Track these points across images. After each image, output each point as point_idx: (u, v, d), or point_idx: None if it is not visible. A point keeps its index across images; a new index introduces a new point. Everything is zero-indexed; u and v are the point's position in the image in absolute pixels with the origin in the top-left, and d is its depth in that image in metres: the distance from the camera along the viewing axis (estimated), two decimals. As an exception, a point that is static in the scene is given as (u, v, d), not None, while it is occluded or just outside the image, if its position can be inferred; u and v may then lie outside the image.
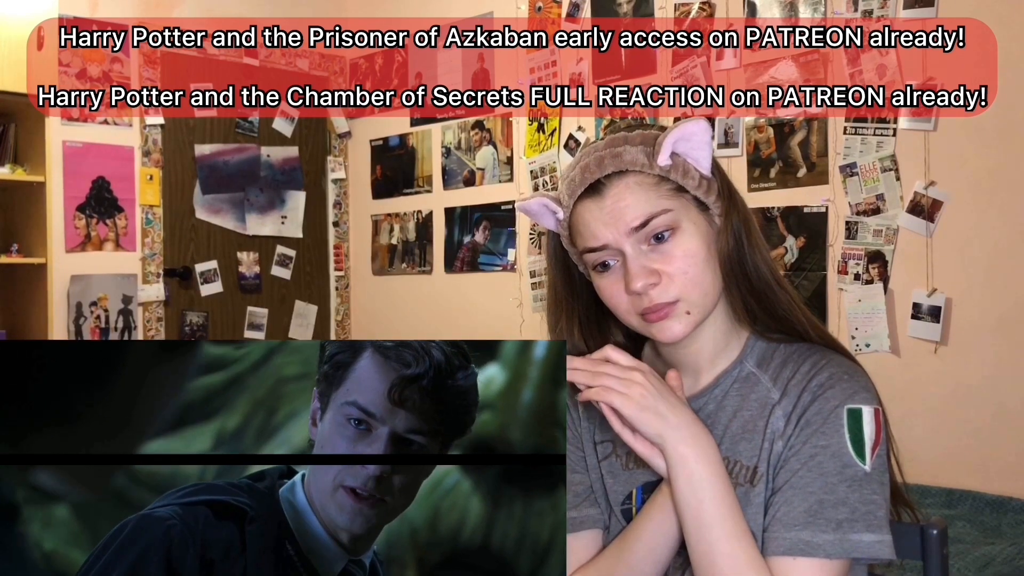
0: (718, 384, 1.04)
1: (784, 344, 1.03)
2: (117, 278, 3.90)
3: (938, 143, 2.86)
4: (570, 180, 1.02)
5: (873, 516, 0.92)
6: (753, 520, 0.96)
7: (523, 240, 4.01)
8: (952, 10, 2.81)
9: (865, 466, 0.93)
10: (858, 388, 0.97)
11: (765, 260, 1.02)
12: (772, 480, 0.97)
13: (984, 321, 2.78)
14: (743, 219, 1.02)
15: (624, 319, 1.02)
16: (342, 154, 4.77)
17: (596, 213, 0.99)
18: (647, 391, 0.94)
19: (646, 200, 0.98)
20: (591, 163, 1.00)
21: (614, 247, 0.98)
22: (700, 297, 0.99)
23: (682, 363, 1.06)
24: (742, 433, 1.00)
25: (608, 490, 1.07)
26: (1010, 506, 2.58)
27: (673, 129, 0.98)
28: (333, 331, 4.73)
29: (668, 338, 0.99)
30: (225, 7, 4.28)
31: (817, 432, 0.95)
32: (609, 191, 0.99)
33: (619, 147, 0.99)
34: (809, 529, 0.91)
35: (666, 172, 0.98)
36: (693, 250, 0.98)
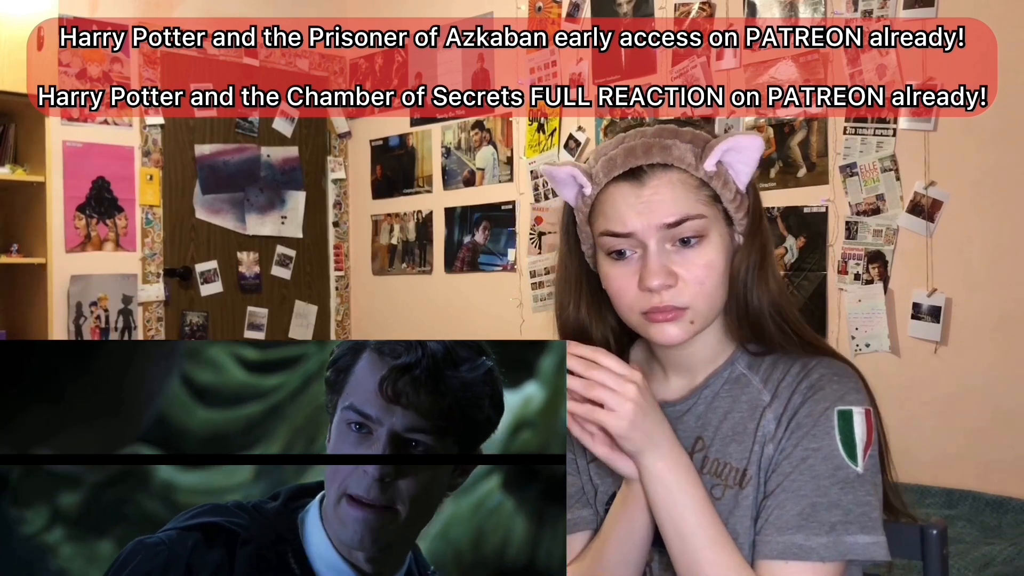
0: (707, 385, 1.03)
1: None
2: (117, 278, 3.90)
3: (938, 143, 2.86)
4: (609, 159, 0.99)
5: (867, 517, 0.92)
6: (740, 523, 0.96)
7: (523, 240, 4.01)
8: (952, 10, 2.81)
9: (857, 467, 0.93)
10: (848, 389, 0.97)
11: (769, 293, 1.00)
12: (763, 484, 0.96)
13: (984, 321, 2.78)
14: (761, 246, 1.01)
15: (624, 313, 1.00)
16: (342, 154, 4.77)
17: (631, 200, 0.97)
18: (638, 408, 0.91)
19: (684, 200, 0.96)
20: (638, 147, 0.97)
21: (639, 238, 0.96)
22: (707, 309, 0.98)
23: (676, 363, 1.06)
24: (732, 435, 1.00)
25: (596, 491, 1.08)
26: (1010, 506, 2.58)
27: (727, 137, 0.96)
28: (333, 331, 4.73)
29: (665, 341, 0.98)
30: (225, 7, 4.28)
31: (808, 435, 0.95)
32: (650, 181, 0.96)
33: (669, 140, 0.97)
34: (802, 532, 0.91)
35: (708, 178, 0.97)
36: (714, 262, 0.97)
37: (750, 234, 1.00)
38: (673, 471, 0.93)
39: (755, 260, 1.00)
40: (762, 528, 0.94)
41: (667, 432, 0.94)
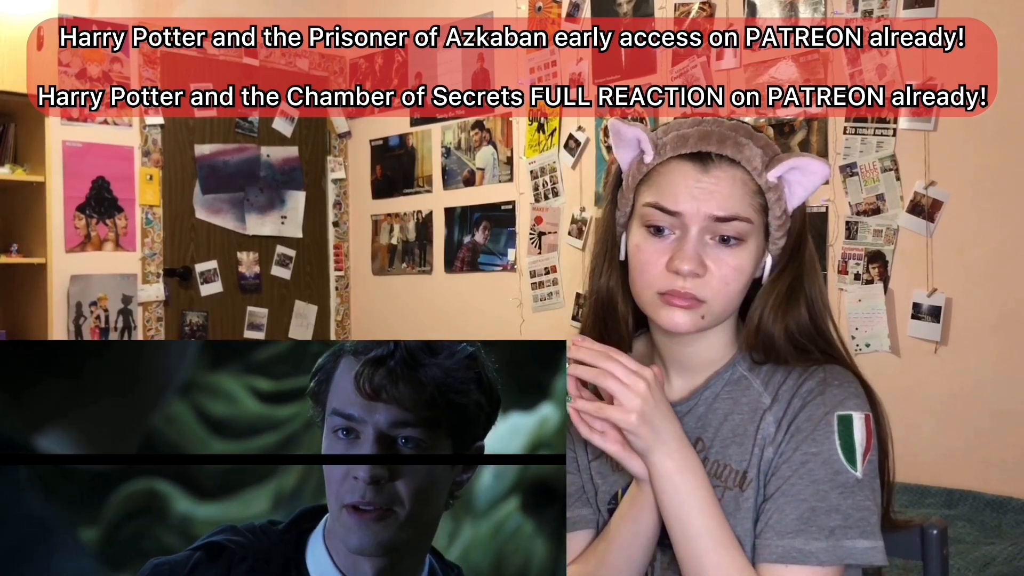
0: (708, 386, 1.03)
1: None
2: (117, 278, 3.90)
3: (938, 143, 2.86)
4: (682, 136, 0.99)
5: (866, 522, 0.92)
6: (741, 525, 0.96)
7: (523, 240, 4.01)
8: (952, 10, 2.81)
9: (856, 472, 0.93)
10: (848, 394, 0.97)
11: (797, 320, 1.00)
12: (763, 487, 0.97)
13: (984, 321, 2.78)
14: (795, 276, 1.00)
15: (640, 288, 1.00)
16: (342, 154, 4.77)
17: (691, 181, 0.97)
18: (647, 403, 0.91)
19: (740, 200, 0.96)
20: (714, 135, 0.98)
21: (684, 221, 0.96)
22: (721, 310, 0.98)
23: (680, 361, 1.05)
24: (732, 437, 1.00)
25: (597, 490, 1.07)
26: (1010, 506, 2.58)
27: (797, 156, 0.97)
28: (333, 331, 4.73)
29: (671, 326, 0.97)
30: (225, 7, 4.28)
31: (808, 439, 0.95)
32: (714, 170, 0.97)
33: (744, 139, 0.98)
34: (802, 536, 0.91)
35: (767, 188, 0.98)
36: (743, 267, 0.97)
37: (786, 260, 1.01)
38: (681, 471, 0.93)
39: (782, 289, 1.00)
40: (762, 531, 0.94)
41: (676, 430, 0.94)
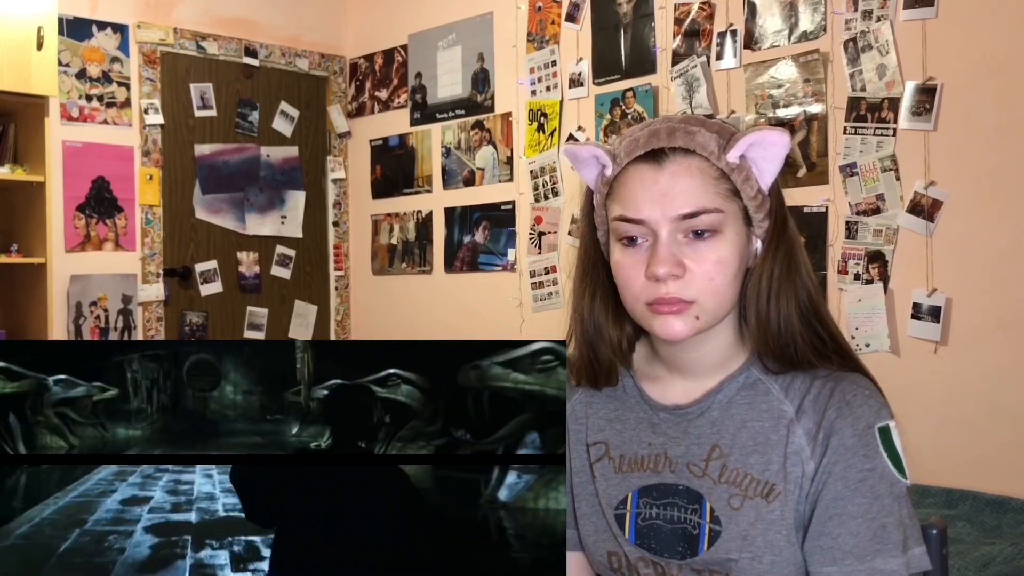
0: (721, 389, 1.00)
1: None
2: (117, 278, 3.90)
3: (938, 143, 2.86)
4: (633, 140, 0.97)
5: (918, 529, 0.93)
6: (763, 536, 0.94)
7: (523, 240, 4.01)
8: (952, 10, 2.81)
9: (907, 480, 0.94)
10: (880, 404, 0.97)
11: (798, 306, 0.97)
12: (805, 502, 0.94)
13: (984, 321, 2.78)
14: (786, 255, 0.98)
15: (630, 303, 0.97)
16: (342, 154, 4.77)
17: (648, 184, 0.94)
18: None
19: (702, 191, 0.93)
20: (662, 130, 0.95)
21: (651, 227, 0.94)
22: (714, 307, 0.95)
23: (684, 367, 1.02)
24: (753, 446, 0.97)
25: (600, 493, 1.04)
26: (1010, 506, 2.58)
27: (754, 131, 0.94)
28: (333, 331, 4.73)
29: (668, 335, 0.94)
30: (225, 7, 4.28)
31: (858, 455, 0.93)
32: (669, 165, 0.94)
33: (695, 127, 0.96)
34: (880, 557, 0.91)
35: (730, 170, 0.95)
36: (726, 259, 0.94)
37: (773, 241, 0.98)
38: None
39: (779, 271, 0.97)
40: (841, 558, 0.92)
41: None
